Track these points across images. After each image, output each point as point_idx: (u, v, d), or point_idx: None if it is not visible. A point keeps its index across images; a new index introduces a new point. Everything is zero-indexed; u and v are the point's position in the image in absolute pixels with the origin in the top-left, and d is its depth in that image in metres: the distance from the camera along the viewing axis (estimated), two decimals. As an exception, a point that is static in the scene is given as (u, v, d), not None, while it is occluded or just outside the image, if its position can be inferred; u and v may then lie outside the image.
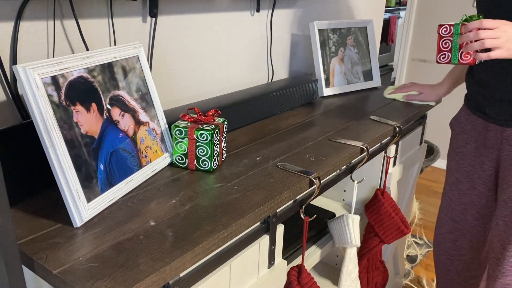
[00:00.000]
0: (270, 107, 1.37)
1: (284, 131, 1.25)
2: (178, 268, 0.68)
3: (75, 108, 0.79)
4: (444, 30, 1.07)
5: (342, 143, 1.16)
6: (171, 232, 0.74)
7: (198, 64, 1.36)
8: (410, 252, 2.28)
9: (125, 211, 0.80)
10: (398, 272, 1.84)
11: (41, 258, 0.67)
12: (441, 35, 1.07)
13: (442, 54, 1.08)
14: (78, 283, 0.62)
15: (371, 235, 1.37)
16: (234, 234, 0.78)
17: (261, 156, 1.07)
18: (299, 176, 0.96)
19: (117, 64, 0.91)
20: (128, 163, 0.89)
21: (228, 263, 0.84)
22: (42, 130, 0.72)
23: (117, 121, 0.88)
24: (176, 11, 1.24)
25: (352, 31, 1.74)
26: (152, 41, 1.19)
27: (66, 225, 0.76)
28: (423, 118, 1.65)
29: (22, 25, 0.93)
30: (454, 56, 1.07)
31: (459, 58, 1.07)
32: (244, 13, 1.47)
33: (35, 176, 0.85)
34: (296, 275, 1.01)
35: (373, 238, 1.36)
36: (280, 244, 0.98)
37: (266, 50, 1.61)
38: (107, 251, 0.69)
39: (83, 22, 1.03)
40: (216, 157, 0.99)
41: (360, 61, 1.77)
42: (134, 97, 0.94)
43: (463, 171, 1.36)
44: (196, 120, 1.00)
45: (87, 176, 0.78)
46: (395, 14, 4.16)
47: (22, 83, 0.71)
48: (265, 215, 0.85)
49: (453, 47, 1.07)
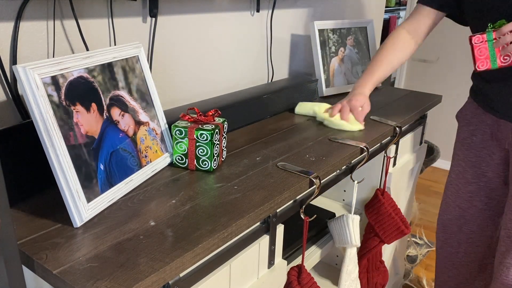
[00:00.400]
0: (270, 107, 1.37)
1: (284, 131, 1.25)
2: (178, 268, 0.68)
3: (75, 108, 0.79)
4: (477, 39, 1.12)
5: (342, 143, 1.16)
6: (171, 232, 0.74)
7: (198, 64, 1.36)
8: (410, 252, 2.28)
9: (125, 211, 0.80)
10: (398, 272, 1.84)
11: (41, 258, 0.67)
12: (475, 44, 1.13)
13: (481, 62, 1.14)
14: (78, 283, 0.62)
15: (371, 235, 1.37)
16: (234, 234, 0.78)
17: (261, 156, 1.07)
18: (299, 176, 0.96)
19: (117, 64, 0.91)
20: (128, 163, 0.89)
21: (228, 263, 0.84)
22: (42, 130, 0.72)
23: (117, 121, 0.88)
24: (176, 11, 1.24)
25: (352, 31, 1.74)
26: (152, 41, 1.19)
27: (66, 225, 0.76)
28: (423, 118, 1.65)
29: (22, 25, 0.93)
30: (493, 61, 1.13)
31: (498, 62, 1.13)
32: (244, 13, 1.47)
33: (35, 176, 0.85)
34: (296, 275, 1.01)
35: (373, 238, 1.36)
36: (280, 244, 0.98)
37: (266, 50, 1.61)
38: (107, 251, 0.69)
39: (83, 22, 1.03)
40: (216, 157, 0.99)
41: (360, 61, 1.77)
42: (134, 97, 0.94)
43: (468, 161, 1.37)
44: (196, 120, 1.00)
45: (87, 176, 0.78)
46: (395, 14, 4.16)
47: (22, 83, 0.71)
48: (265, 215, 0.85)
49: (490, 53, 1.13)
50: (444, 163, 3.37)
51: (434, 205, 2.82)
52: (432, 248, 2.34)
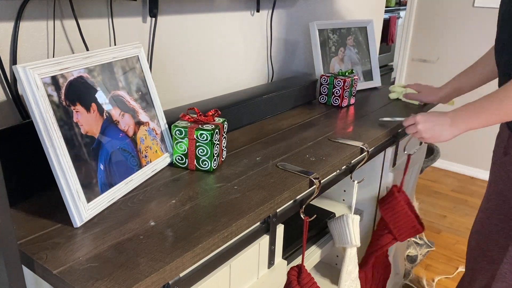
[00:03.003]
0: (270, 107, 1.37)
1: (284, 131, 1.25)
2: (178, 268, 0.68)
3: (75, 108, 0.79)
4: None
5: (342, 143, 1.16)
6: (171, 232, 0.74)
7: (198, 64, 1.36)
8: (410, 252, 2.28)
9: (125, 211, 0.80)
10: (398, 272, 1.84)
11: (41, 258, 0.67)
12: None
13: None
14: (78, 283, 0.62)
15: (384, 232, 1.35)
16: (234, 234, 0.78)
17: (261, 156, 1.07)
18: (299, 176, 0.96)
19: (117, 64, 0.91)
20: (128, 163, 0.89)
21: (228, 263, 0.84)
22: (42, 130, 0.72)
23: (117, 121, 0.88)
24: (176, 11, 1.24)
25: (352, 31, 1.74)
26: (152, 41, 1.19)
27: (66, 225, 0.76)
28: (423, 118, 1.65)
29: (22, 25, 0.93)
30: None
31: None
32: (244, 13, 1.47)
33: (35, 176, 0.85)
34: (296, 275, 1.01)
35: (386, 235, 1.35)
36: (280, 244, 0.98)
37: (266, 50, 1.61)
38: (107, 251, 0.69)
39: (83, 22, 1.03)
40: (216, 157, 0.99)
41: (360, 61, 1.77)
42: (134, 97, 0.94)
43: (491, 175, 1.32)
44: (196, 120, 1.00)
45: (87, 176, 0.78)
46: (395, 14, 4.16)
47: (22, 83, 0.71)
48: (265, 215, 0.85)
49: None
50: (444, 163, 3.37)
51: (434, 205, 2.82)
52: (432, 248, 2.34)
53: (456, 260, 2.28)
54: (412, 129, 1.21)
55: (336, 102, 1.52)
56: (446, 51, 3.21)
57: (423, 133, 1.18)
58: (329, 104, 1.54)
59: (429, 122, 1.17)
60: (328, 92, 1.53)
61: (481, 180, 3.21)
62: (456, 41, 3.14)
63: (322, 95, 1.55)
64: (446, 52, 3.21)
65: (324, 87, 1.53)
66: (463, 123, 1.12)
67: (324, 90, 1.53)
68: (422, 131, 1.18)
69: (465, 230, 2.55)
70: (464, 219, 2.67)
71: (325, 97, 1.54)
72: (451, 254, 2.33)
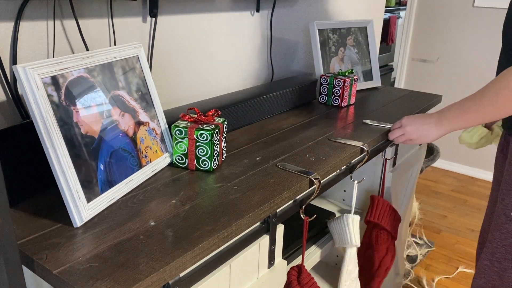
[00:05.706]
0: (270, 107, 1.37)
1: (284, 131, 1.25)
2: (178, 268, 0.68)
3: (75, 108, 0.79)
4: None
5: (342, 143, 1.16)
6: (171, 232, 0.74)
7: (198, 64, 1.36)
8: (410, 252, 2.28)
9: (125, 211, 0.80)
10: (398, 272, 1.84)
11: (41, 258, 0.67)
12: None
13: None
14: (78, 283, 0.62)
15: (382, 235, 1.37)
16: (234, 234, 0.78)
17: (261, 156, 1.07)
18: (299, 176, 0.96)
19: (117, 64, 0.91)
20: (128, 163, 0.89)
21: (228, 263, 0.84)
22: (42, 130, 0.72)
23: (117, 121, 0.88)
24: (176, 11, 1.24)
25: (352, 31, 1.74)
26: (152, 41, 1.19)
27: (66, 225, 0.76)
28: (423, 118, 1.65)
29: (22, 25, 0.93)
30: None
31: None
32: (244, 13, 1.47)
33: (35, 176, 0.85)
34: (296, 275, 1.01)
35: (382, 238, 1.37)
36: (280, 244, 0.98)
37: (266, 50, 1.61)
38: (107, 251, 0.69)
39: (83, 22, 1.03)
40: (216, 157, 0.99)
41: (360, 61, 1.77)
42: (134, 97, 0.94)
43: (494, 178, 1.35)
44: (196, 120, 1.00)
45: (87, 176, 0.78)
46: (395, 14, 4.16)
47: (22, 83, 0.71)
48: (265, 215, 0.85)
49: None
50: (444, 163, 3.37)
51: (434, 205, 2.82)
52: (432, 248, 2.34)
53: (456, 260, 2.28)
54: (398, 132, 1.23)
55: (336, 102, 1.52)
56: (446, 51, 3.21)
57: (410, 134, 1.21)
58: (329, 104, 1.54)
59: (415, 124, 1.20)
60: (328, 92, 1.53)
61: (481, 180, 3.21)
62: (456, 41, 3.14)
63: (322, 95, 1.55)
64: (446, 52, 3.21)
65: (324, 87, 1.53)
66: (447, 122, 1.15)
67: (324, 90, 1.54)
68: (410, 132, 1.21)
69: (465, 230, 2.55)
70: (464, 219, 2.67)
71: (325, 97, 1.54)
72: (451, 254, 2.33)
